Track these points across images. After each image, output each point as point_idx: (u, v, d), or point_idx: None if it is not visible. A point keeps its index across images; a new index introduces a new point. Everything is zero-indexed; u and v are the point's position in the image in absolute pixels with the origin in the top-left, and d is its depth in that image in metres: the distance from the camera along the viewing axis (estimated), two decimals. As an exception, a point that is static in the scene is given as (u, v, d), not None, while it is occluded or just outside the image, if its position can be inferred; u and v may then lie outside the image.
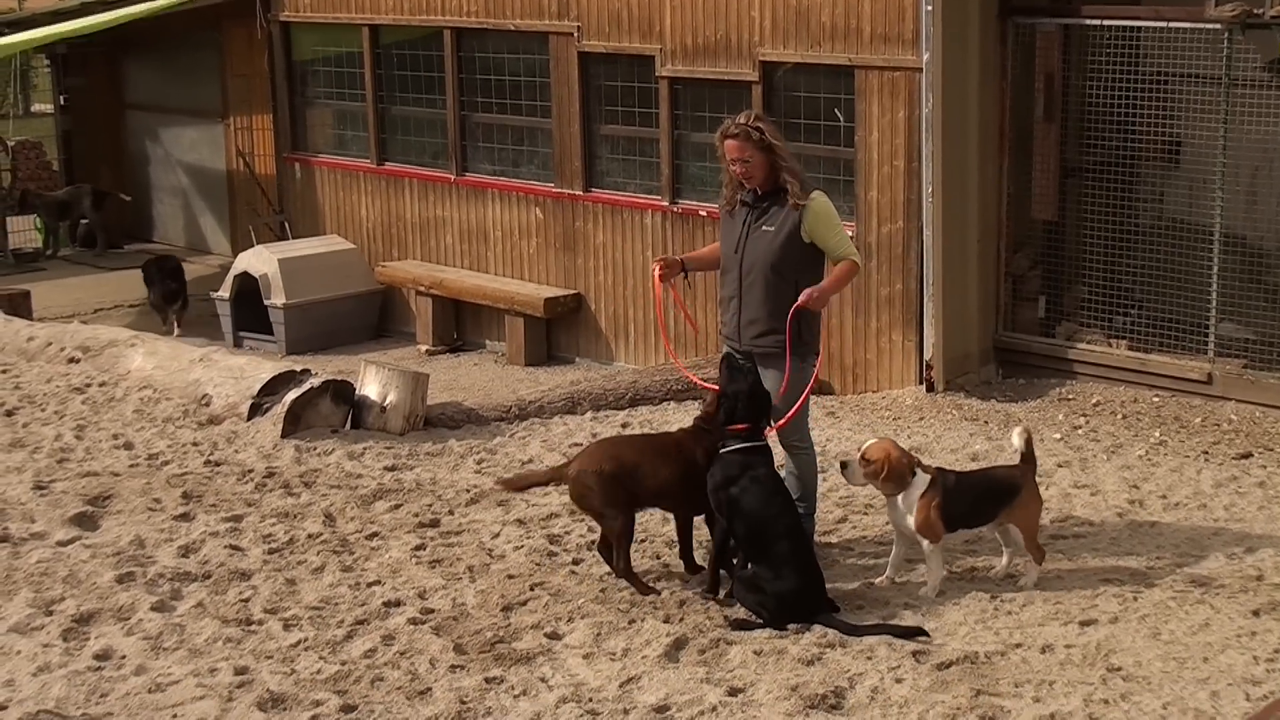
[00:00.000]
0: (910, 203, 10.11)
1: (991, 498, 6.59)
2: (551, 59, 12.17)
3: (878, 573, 6.85)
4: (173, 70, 17.38)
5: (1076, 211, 10.31)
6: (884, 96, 10.15)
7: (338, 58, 14.19)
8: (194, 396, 9.61)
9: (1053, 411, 9.70)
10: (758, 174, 6.72)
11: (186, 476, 8.26)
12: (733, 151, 6.72)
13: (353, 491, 8.09)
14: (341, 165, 14.33)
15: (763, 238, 6.73)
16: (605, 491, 6.60)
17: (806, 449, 7.01)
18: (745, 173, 6.71)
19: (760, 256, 6.73)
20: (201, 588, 6.72)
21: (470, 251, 13.23)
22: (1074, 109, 10.26)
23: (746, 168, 6.70)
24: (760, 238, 6.74)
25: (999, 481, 6.66)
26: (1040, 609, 6.40)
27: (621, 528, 6.66)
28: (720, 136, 6.78)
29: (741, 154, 6.69)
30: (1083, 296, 10.28)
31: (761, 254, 6.73)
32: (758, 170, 6.71)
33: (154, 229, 18.18)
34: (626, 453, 6.73)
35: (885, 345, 10.40)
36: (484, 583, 6.80)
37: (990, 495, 6.59)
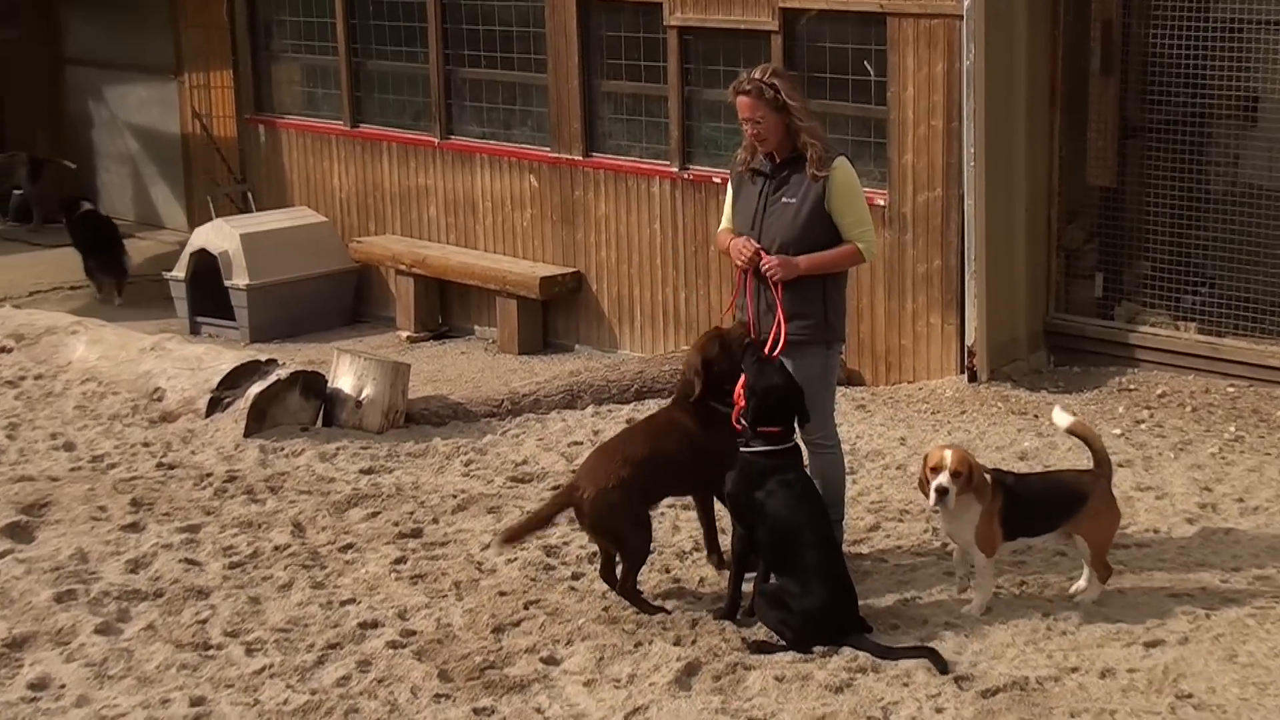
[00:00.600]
0: (950, 167, 10.08)
1: (1057, 505, 6.55)
2: (547, 6, 12.14)
3: (915, 587, 6.84)
4: (118, 20, 17.33)
5: (1139, 176, 10.27)
6: (920, 47, 10.12)
7: (306, 5, 14.17)
8: (144, 390, 9.61)
9: (1112, 404, 9.68)
10: (772, 136, 6.72)
11: (136, 481, 8.25)
12: (744, 110, 6.73)
13: (324, 497, 8.08)
14: (311, 128, 14.31)
15: (783, 211, 6.72)
16: (629, 505, 6.60)
17: (833, 447, 7.00)
18: (757, 134, 6.73)
19: (780, 233, 6.72)
20: (152, 607, 6.71)
21: (457, 225, 13.21)
22: (1135, 60, 10.22)
23: (759, 129, 6.70)
24: (780, 211, 6.73)
25: (1065, 487, 6.62)
26: (1099, 629, 6.38)
27: (644, 544, 6.67)
28: (733, 92, 6.78)
29: (753, 113, 6.69)
30: (1146, 273, 10.25)
31: (782, 230, 6.72)
32: (771, 133, 6.71)
33: (98, 201, 18.10)
34: (632, 449, 6.73)
35: (922, 329, 10.38)
36: (472, 600, 6.80)
37: (1055, 502, 6.55)
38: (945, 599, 6.71)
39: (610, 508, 6.58)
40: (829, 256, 6.76)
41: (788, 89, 6.70)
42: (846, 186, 6.73)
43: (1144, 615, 6.49)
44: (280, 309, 13.44)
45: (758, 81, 6.69)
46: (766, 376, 6.51)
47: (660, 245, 11.74)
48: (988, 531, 6.42)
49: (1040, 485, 6.70)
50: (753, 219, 6.81)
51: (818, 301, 6.82)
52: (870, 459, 8.72)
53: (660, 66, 11.59)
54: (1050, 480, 6.84)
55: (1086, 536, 6.57)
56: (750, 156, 6.88)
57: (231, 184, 15.32)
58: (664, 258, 11.73)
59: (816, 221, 6.71)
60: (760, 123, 6.69)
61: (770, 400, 6.45)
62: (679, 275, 11.65)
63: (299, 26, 14.32)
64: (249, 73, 14.79)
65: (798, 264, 6.69)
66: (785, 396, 6.50)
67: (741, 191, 6.93)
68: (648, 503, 6.74)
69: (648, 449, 6.72)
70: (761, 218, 6.78)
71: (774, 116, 6.67)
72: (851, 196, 6.75)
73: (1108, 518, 6.64)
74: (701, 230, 11.38)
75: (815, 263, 6.73)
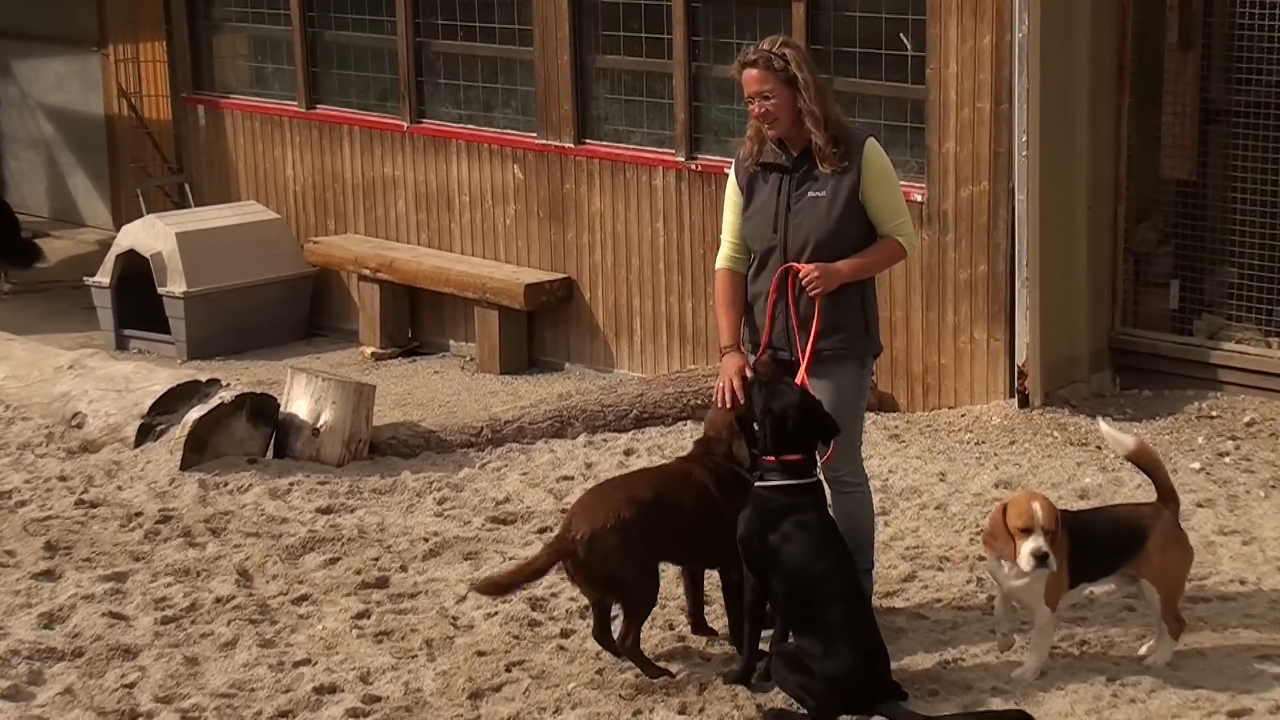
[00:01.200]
0: (998, 157, 10.13)
1: (1116, 544, 6.60)
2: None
3: (957, 646, 6.88)
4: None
5: (1222, 168, 10.31)
6: (965, 16, 10.17)
7: (253, -32, 14.25)
8: (61, 415, 9.65)
9: (1190, 433, 9.71)
10: (783, 117, 6.77)
11: (50, 522, 8.30)
12: (751, 84, 6.77)
13: (275, 541, 8.13)
14: (260, 109, 14.35)
15: (812, 208, 6.77)
16: (630, 550, 6.60)
17: (860, 485, 7.05)
18: (765, 114, 6.76)
19: (813, 233, 6.77)
20: (70, 669, 6.75)
21: (429, 223, 13.26)
22: (1220, 33, 10.25)
23: (767, 107, 6.74)
24: (809, 208, 6.78)
25: (1123, 522, 6.69)
26: (1174, 695, 6.42)
27: (649, 595, 6.70)
28: (738, 66, 6.85)
29: (761, 85, 6.73)
30: (1231, 281, 10.28)
31: (814, 229, 6.77)
32: (783, 111, 6.76)
33: (5, 193, 18.17)
34: (638, 492, 6.76)
35: (965, 346, 10.42)
36: (446, 661, 6.84)
37: (1114, 540, 6.61)
38: (992, 660, 6.75)
39: (609, 553, 6.59)
40: (872, 258, 6.84)
41: (798, 59, 6.75)
42: (882, 172, 6.80)
43: (1228, 680, 6.53)
44: (223, 320, 13.47)
45: (765, 51, 6.75)
46: (781, 395, 6.56)
47: (664, 247, 11.78)
48: (1055, 581, 6.48)
49: (1098, 521, 6.76)
50: (774, 220, 6.84)
51: (856, 308, 6.89)
52: (905, 497, 8.77)
53: (664, 39, 11.64)
54: (1107, 515, 6.90)
55: (1153, 579, 6.62)
56: (758, 149, 6.91)
57: (165, 174, 15.36)
58: (668, 262, 11.78)
59: (851, 216, 6.78)
60: (770, 98, 6.73)
61: (790, 421, 6.50)
62: (685, 282, 11.69)
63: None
64: (185, 44, 14.81)
65: (839, 270, 6.73)
66: (806, 414, 6.54)
67: (755, 192, 6.94)
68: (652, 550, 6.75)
69: (656, 494, 6.74)
70: (786, 218, 6.82)
71: (785, 92, 6.73)
72: (888, 183, 6.83)
73: (1176, 557, 6.69)
74: (712, 230, 11.42)
75: (858, 267, 6.80)
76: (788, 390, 6.59)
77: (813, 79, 6.77)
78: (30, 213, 17.75)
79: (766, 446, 6.52)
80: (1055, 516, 6.42)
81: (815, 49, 10.72)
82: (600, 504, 6.72)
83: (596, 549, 6.58)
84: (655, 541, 6.68)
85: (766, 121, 6.80)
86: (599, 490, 7.00)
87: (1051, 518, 6.39)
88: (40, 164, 17.82)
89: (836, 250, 6.76)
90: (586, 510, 6.72)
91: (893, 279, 10.52)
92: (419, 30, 13.09)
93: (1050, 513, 6.40)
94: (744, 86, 6.82)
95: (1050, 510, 6.42)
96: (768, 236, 6.86)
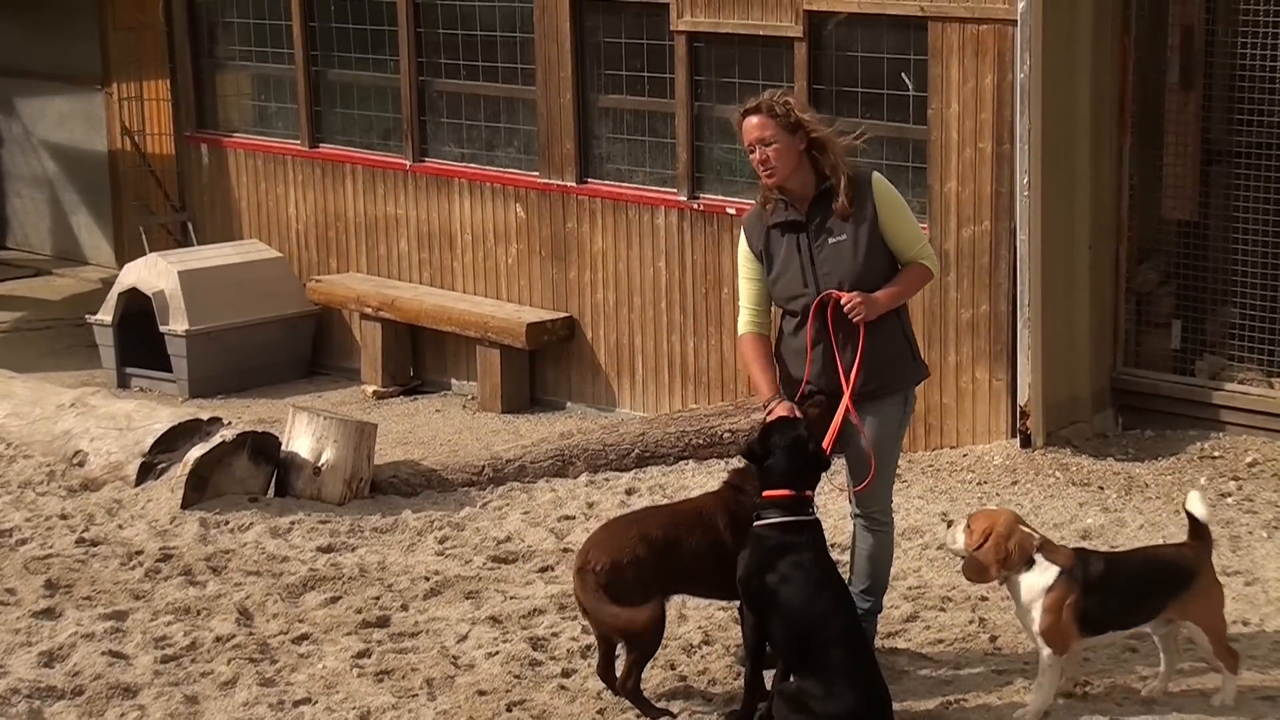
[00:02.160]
0: (1000, 197, 10.15)
1: (1154, 587, 6.60)
2: (536, 8, 12.25)
3: (959, 688, 6.88)
4: (35, 20, 17.43)
5: (1224, 209, 10.33)
6: (967, 57, 10.21)
7: (257, 5, 14.28)
8: (62, 453, 9.66)
9: (1193, 473, 9.72)
10: (782, 165, 6.75)
11: (51, 560, 8.30)
12: (752, 131, 6.76)
13: (276, 580, 8.13)
14: (263, 147, 14.39)
15: (837, 253, 6.77)
16: (642, 583, 6.62)
17: (888, 525, 7.06)
18: (764, 160, 6.73)
19: (845, 277, 6.76)
20: (70, 708, 6.75)
21: (431, 261, 13.28)
22: (1221, 73, 10.29)
23: (767, 153, 6.72)
24: (834, 254, 6.78)
25: (1162, 563, 6.68)
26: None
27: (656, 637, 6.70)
28: (738, 117, 6.84)
29: (763, 132, 6.72)
30: (1232, 321, 10.29)
31: (845, 274, 6.76)
32: (783, 160, 6.73)
33: (8, 231, 18.23)
34: (650, 529, 6.78)
35: (966, 385, 10.43)
36: (447, 701, 6.84)
37: (1152, 583, 6.61)
38: (994, 702, 6.74)
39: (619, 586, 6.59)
40: (905, 285, 6.86)
41: (800, 107, 6.79)
42: (894, 203, 6.85)
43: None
44: (225, 359, 13.48)
45: (766, 100, 6.77)
46: (786, 429, 6.57)
47: (666, 286, 11.80)
48: (1054, 622, 6.46)
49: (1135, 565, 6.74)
50: (803, 275, 6.81)
51: (899, 337, 6.92)
52: (907, 537, 8.77)
53: (667, 78, 11.68)
54: (1145, 558, 6.90)
55: (1200, 622, 6.59)
56: (770, 208, 6.89)
57: (168, 213, 15.39)
58: (670, 301, 11.80)
59: (876, 254, 6.79)
60: (771, 143, 6.72)
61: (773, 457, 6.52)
62: (687, 321, 11.71)
63: (248, 30, 14.43)
64: (189, 83, 14.87)
65: (879, 299, 6.74)
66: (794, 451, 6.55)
67: (775, 254, 6.88)
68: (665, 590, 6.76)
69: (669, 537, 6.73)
70: (814, 270, 6.81)
71: (786, 139, 6.73)
72: (902, 211, 6.88)
73: (1217, 596, 6.70)
74: (714, 269, 11.45)
75: (895, 294, 6.81)
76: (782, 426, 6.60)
77: (819, 123, 6.82)
78: (33, 250, 17.82)
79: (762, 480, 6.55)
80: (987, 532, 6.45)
81: (817, 88, 10.79)
82: (615, 538, 6.74)
83: (610, 577, 6.60)
84: (665, 580, 6.70)
85: (766, 168, 6.76)
86: (613, 526, 7.00)
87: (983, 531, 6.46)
88: (43, 202, 17.86)
89: (868, 289, 6.76)
90: (603, 543, 6.73)
91: (895, 318, 10.53)
92: (422, 69, 13.13)
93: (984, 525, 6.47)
94: (744, 135, 6.80)
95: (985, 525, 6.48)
96: (800, 291, 6.84)
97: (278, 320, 13.82)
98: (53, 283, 16.68)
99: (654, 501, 9.38)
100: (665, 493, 9.57)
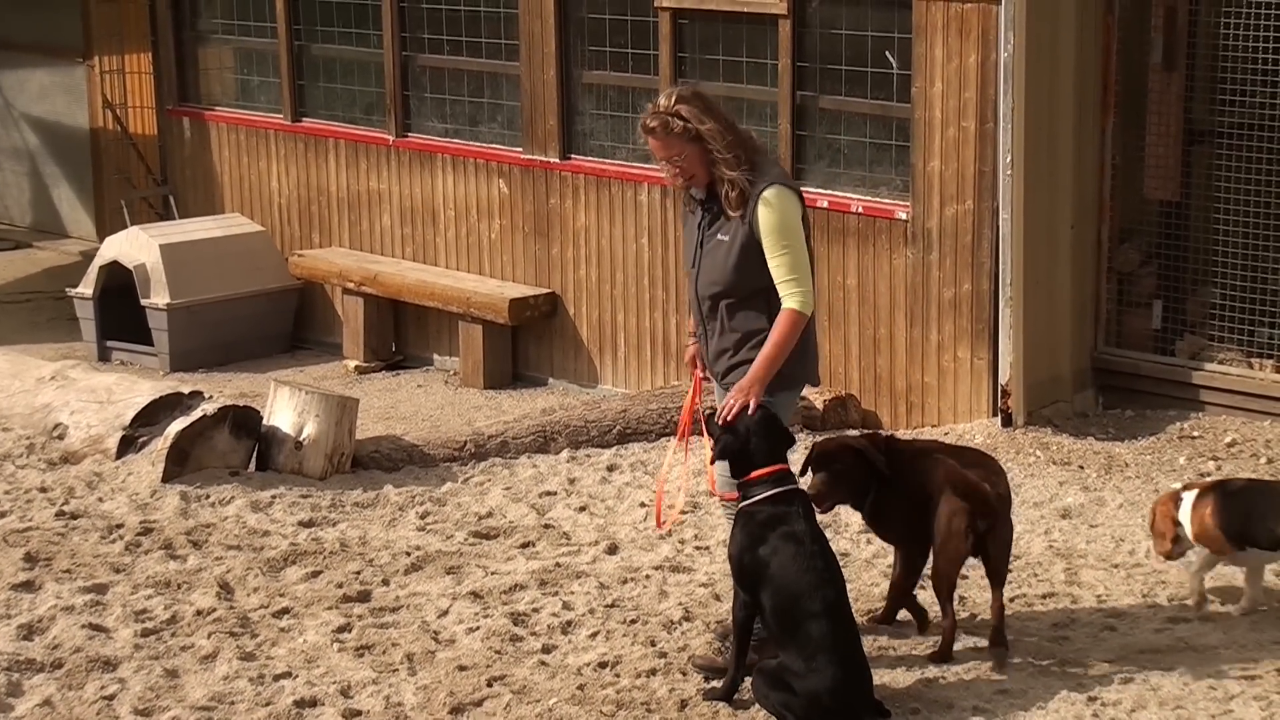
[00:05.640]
0: (982, 176, 10.16)
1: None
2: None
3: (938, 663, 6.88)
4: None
5: (1206, 189, 10.34)
6: (950, 35, 10.20)
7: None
8: (42, 426, 9.63)
9: (1172, 453, 9.74)
10: (700, 170, 6.69)
11: (30, 533, 8.28)
12: (656, 152, 6.74)
13: (257, 554, 8.12)
14: (245, 121, 14.36)
15: (715, 250, 6.73)
16: None
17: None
18: (682, 173, 6.69)
19: (717, 274, 6.73)
20: (49, 680, 6.74)
21: (414, 237, 13.26)
22: (1204, 54, 10.29)
23: (680, 167, 6.68)
24: (713, 252, 6.74)
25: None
26: (1155, 715, 6.43)
27: None
28: (641, 131, 6.78)
29: (668, 153, 6.67)
30: (1213, 301, 10.31)
31: (718, 271, 6.72)
32: (697, 166, 6.67)
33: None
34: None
35: (948, 364, 10.44)
36: (427, 676, 6.84)
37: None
38: (974, 679, 6.76)
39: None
40: (772, 344, 6.59)
41: (698, 114, 6.63)
42: (769, 227, 6.59)
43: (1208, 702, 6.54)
44: (207, 333, 13.47)
45: (661, 115, 6.65)
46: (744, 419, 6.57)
47: (648, 263, 11.80)
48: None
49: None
50: (693, 257, 6.84)
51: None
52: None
53: (651, 55, 11.66)
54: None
55: None
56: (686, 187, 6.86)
57: (150, 186, 15.36)
58: (652, 278, 11.79)
59: (749, 262, 6.64)
60: (679, 159, 6.65)
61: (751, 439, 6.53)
62: (669, 298, 11.71)
63: (231, 3, 14.38)
64: (171, 56, 14.83)
65: (750, 385, 6.56)
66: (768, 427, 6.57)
67: (686, 224, 6.96)
68: None
69: None
70: (700, 255, 6.79)
71: (692, 149, 6.63)
72: (774, 238, 6.59)
73: None
74: (697, 246, 11.44)
75: (767, 359, 6.58)
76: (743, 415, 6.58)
77: (719, 126, 6.63)
78: (13, 223, 17.76)
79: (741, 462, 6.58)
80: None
81: (801, 66, 10.78)
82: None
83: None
84: None
85: (686, 179, 6.72)
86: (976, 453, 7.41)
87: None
88: (24, 175, 17.81)
89: (739, 296, 6.68)
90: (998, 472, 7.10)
91: (876, 297, 10.55)
92: (405, 44, 13.11)
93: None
94: (651, 148, 6.78)
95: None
96: (689, 269, 6.89)
97: (260, 294, 13.80)
98: (33, 255, 16.63)
99: (635, 479, 9.40)
100: (646, 469, 9.57)
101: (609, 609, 7.50)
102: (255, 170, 14.29)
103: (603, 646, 7.10)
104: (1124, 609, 7.52)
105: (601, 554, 8.24)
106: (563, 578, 7.86)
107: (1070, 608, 7.54)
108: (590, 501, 9.08)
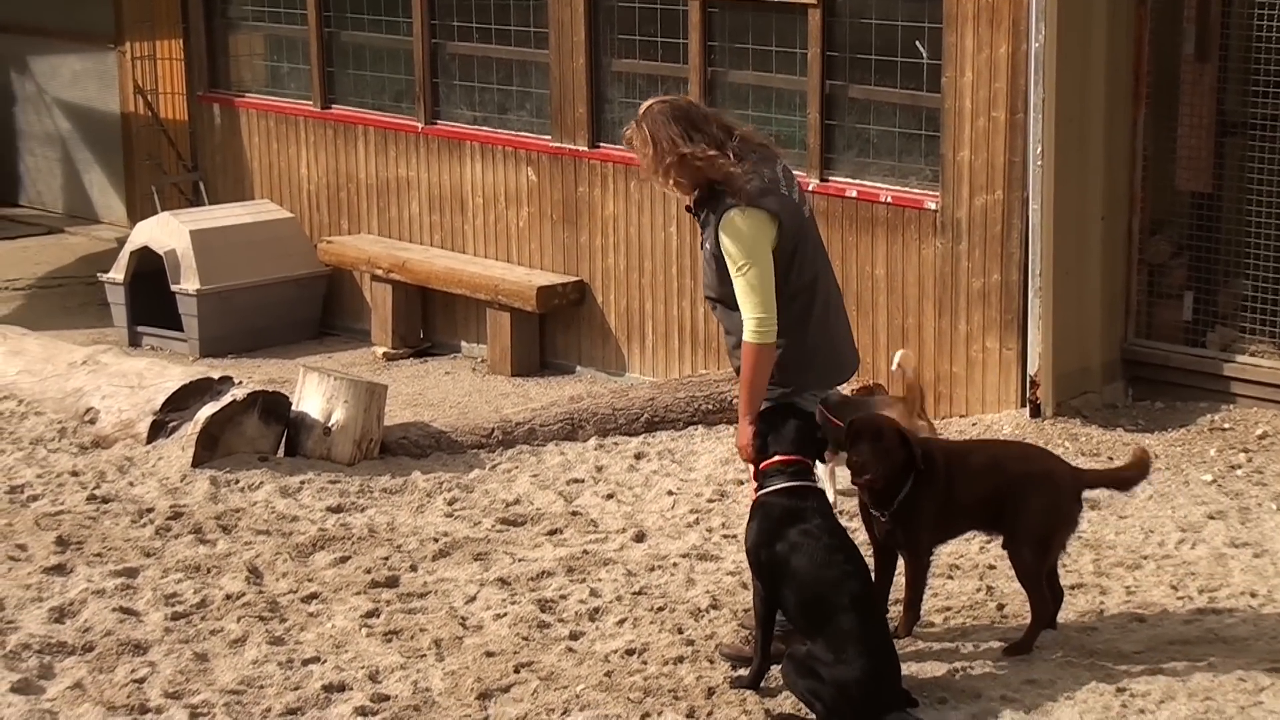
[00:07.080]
0: (1013, 166, 10.13)
1: None
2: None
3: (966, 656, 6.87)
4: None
5: (1238, 180, 10.30)
6: (981, 25, 10.18)
7: (270, -33, 14.27)
8: (74, 411, 9.66)
9: (1202, 445, 9.71)
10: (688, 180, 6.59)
11: (62, 516, 8.31)
12: (642, 172, 6.77)
13: (286, 539, 8.13)
14: (275, 108, 14.38)
15: (704, 257, 6.72)
16: None
17: None
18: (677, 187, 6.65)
19: (707, 279, 6.72)
20: (80, 663, 6.75)
21: (442, 224, 13.27)
22: (1237, 45, 10.25)
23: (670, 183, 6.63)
24: (704, 259, 6.73)
25: None
26: (1184, 707, 6.40)
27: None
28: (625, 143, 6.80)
29: (651, 176, 6.67)
30: (1245, 293, 10.28)
31: (707, 277, 6.72)
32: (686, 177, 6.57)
33: (21, 189, 18.22)
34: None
35: (976, 355, 10.41)
36: (455, 661, 6.84)
37: None
38: (1002, 669, 6.74)
39: None
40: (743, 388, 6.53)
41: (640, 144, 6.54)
42: (728, 250, 6.46)
43: (1237, 694, 6.50)
44: (236, 319, 13.50)
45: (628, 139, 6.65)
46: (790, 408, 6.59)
47: (676, 251, 11.79)
48: None
49: None
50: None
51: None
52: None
53: (680, 44, 11.65)
54: None
55: None
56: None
57: (180, 172, 15.39)
58: (680, 266, 11.78)
59: (727, 273, 6.56)
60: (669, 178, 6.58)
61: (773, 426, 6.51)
62: (697, 287, 11.67)
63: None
64: (202, 43, 14.88)
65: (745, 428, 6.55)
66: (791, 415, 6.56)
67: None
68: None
69: None
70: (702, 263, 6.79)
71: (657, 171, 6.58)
72: (733, 261, 6.46)
73: None
74: (726, 235, 11.43)
75: (745, 400, 6.55)
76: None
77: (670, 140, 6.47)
78: (46, 208, 17.81)
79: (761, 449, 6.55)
80: None
81: (831, 55, 10.76)
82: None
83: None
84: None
85: (679, 191, 6.67)
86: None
87: None
88: (56, 160, 17.86)
89: (729, 303, 6.60)
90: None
91: (905, 286, 10.53)
92: (435, 31, 13.12)
93: None
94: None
95: None
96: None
97: (289, 280, 13.84)
98: (65, 241, 16.67)
99: (662, 467, 9.40)
100: (674, 458, 9.57)
101: (636, 596, 7.50)
102: (285, 157, 14.31)
103: (630, 634, 7.10)
104: (1153, 600, 7.49)
105: (629, 541, 8.24)
106: (590, 565, 7.86)
107: (1099, 599, 7.52)
108: (618, 489, 9.08)
